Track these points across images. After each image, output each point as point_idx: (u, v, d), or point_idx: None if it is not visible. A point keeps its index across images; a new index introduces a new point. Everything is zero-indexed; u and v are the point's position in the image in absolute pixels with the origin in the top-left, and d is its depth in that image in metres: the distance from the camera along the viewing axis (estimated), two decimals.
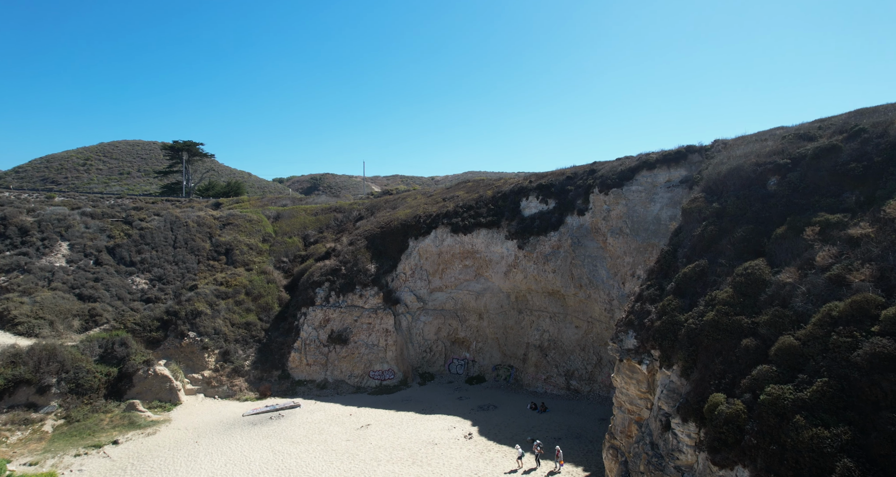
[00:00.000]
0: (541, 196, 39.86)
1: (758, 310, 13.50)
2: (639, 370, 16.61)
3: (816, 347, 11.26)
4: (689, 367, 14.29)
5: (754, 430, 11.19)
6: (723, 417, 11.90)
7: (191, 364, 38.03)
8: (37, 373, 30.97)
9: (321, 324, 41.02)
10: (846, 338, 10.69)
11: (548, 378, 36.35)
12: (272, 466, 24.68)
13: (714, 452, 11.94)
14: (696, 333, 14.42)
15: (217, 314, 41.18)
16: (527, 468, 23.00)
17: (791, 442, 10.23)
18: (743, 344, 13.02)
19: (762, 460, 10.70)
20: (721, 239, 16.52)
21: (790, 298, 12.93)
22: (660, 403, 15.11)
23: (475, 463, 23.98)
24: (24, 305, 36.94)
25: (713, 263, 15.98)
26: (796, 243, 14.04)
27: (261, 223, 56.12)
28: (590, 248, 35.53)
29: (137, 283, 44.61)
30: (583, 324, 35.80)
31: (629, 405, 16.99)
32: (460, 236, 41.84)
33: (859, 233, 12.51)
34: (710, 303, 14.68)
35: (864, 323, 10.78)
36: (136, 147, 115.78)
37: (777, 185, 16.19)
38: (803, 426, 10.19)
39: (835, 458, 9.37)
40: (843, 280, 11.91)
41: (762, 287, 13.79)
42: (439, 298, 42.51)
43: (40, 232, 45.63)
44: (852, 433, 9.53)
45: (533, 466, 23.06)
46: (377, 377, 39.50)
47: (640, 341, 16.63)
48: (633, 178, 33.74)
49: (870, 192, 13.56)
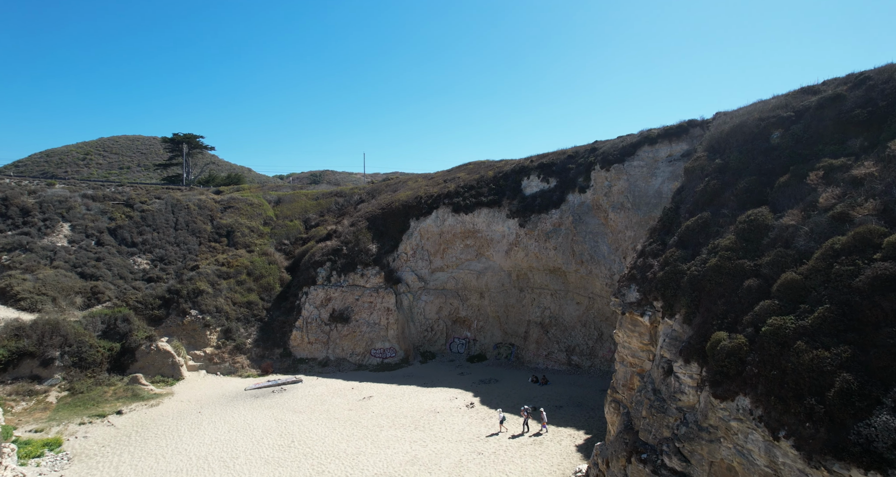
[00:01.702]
0: (542, 175, 39.84)
1: (760, 253, 13.54)
2: (641, 323, 16.68)
3: (818, 279, 11.31)
4: (692, 313, 14.34)
5: (755, 360, 11.26)
6: (724, 351, 11.97)
7: (193, 341, 38.15)
8: (40, 346, 31.08)
9: (322, 303, 41.12)
10: (848, 267, 10.73)
11: (549, 354, 36.49)
12: (275, 432, 24.83)
13: (716, 385, 12.01)
14: (699, 279, 14.48)
15: (219, 293, 41.28)
16: (513, 433, 23.23)
17: (791, 366, 10.29)
18: (745, 285, 13.07)
19: (762, 386, 10.77)
20: (723, 192, 16.55)
21: (793, 238, 12.96)
22: (662, 352, 15.18)
23: (477, 428, 24.14)
24: (27, 281, 37.03)
25: (716, 215, 16.01)
26: (799, 189, 14.06)
27: (262, 207, 56.15)
28: (591, 224, 35.56)
29: (139, 263, 44.69)
30: (584, 300, 35.89)
31: (631, 358, 17.09)
32: (461, 216, 41.85)
33: (863, 172, 12.53)
34: (712, 250, 14.73)
35: (866, 252, 10.82)
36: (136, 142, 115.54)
37: (780, 137, 16.20)
38: (804, 350, 10.25)
39: (834, 374, 9.44)
40: (846, 217, 11.93)
41: (765, 232, 13.82)
42: (440, 278, 42.59)
43: (42, 213, 45.65)
44: (852, 351, 9.59)
45: (519, 432, 23.29)
46: (379, 355, 39.64)
47: (643, 294, 16.69)
48: (635, 153, 33.72)
49: (874, 136, 13.55)
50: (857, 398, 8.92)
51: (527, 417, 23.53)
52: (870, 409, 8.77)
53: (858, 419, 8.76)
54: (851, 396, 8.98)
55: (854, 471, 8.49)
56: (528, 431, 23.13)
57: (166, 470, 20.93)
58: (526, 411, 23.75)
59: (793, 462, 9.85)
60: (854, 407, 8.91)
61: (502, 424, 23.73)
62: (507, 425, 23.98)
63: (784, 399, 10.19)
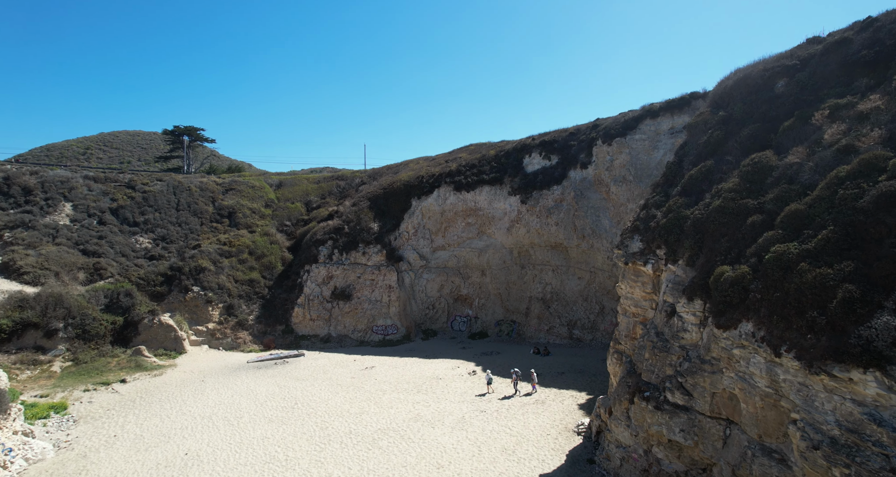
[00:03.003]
0: (543, 152, 39.82)
1: (764, 193, 13.58)
2: (643, 272, 16.75)
3: (822, 207, 11.33)
4: (695, 255, 14.40)
5: (758, 287, 11.32)
6: (728, 281, 12.03)
7: (195, 317, 38.30)
8: (44, 317, 31.19)
9: (324, 280, 41.22)
10: (852, 190, 10.76)
11: (550, 329, 36.61)
12: (278, 396, 24.98)
13: (719, 315, 12.08)
14: (702, 221, 14.52)
15: (220, 271, 41.38)
16: (503, 394, 23.51)
17: (794, 286, 10.34)
18: (749, 221, 13.11)
19: (765, 309, 10.84)
20: (727, 141, 16.56)
21: (797, 175, 12.98)
22: (665, 297, 15.25)
23: (479, 392, 24.27)
24: (30, 256, 37.13)
25: (719, 162, 16.03)
26: (804, 130, 14.05)
27: (263, 189, 56.17)
28: (592, 199, 35.60)
29: (141, 242, 44.77)
30: (585, 274, 35.97)
31: (633, 308, 17.17)
32: (463, 194, 41.87)
33: (869, 106, 12.52)
34: (716, 194, 14.76)
35: (871, 176, 10.84)
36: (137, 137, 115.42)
37: (785, 86, 16.19)
38: (807, 270, 10.29)
39: (836, 288, 9.49)
40: (851, 148, 11.93)
41: (769, 172, 13.84)
42: (442, 256, 42.65)
43: (44, 192, 45.69)
44: (855, 265, 9.63)
45: (511, 393, 23.59)
46: (380, 332, 39.77)
47: (646, 243, 16.75)
48: (637, 127, 33.72)
49: (881, 75, 13.52)
50: (859, 305, 8.99)
51: (516, 380, 23.84)
52: (871, 314, 8.84)
53: (859, 324, 8.83)
54: (853, 303, 9.05)
55: (854, 372, 8.57)
56: (518, 393, 23.39)
57: (171, 428, 21.09)
58: (516, 374, 24.06)
59: (793, 377, 9.94)
60: (856, 314, 8.98)
61: (490, 386, 24.09)
62: (495, 387, 24.47)
63: (786, 317, 10.26)
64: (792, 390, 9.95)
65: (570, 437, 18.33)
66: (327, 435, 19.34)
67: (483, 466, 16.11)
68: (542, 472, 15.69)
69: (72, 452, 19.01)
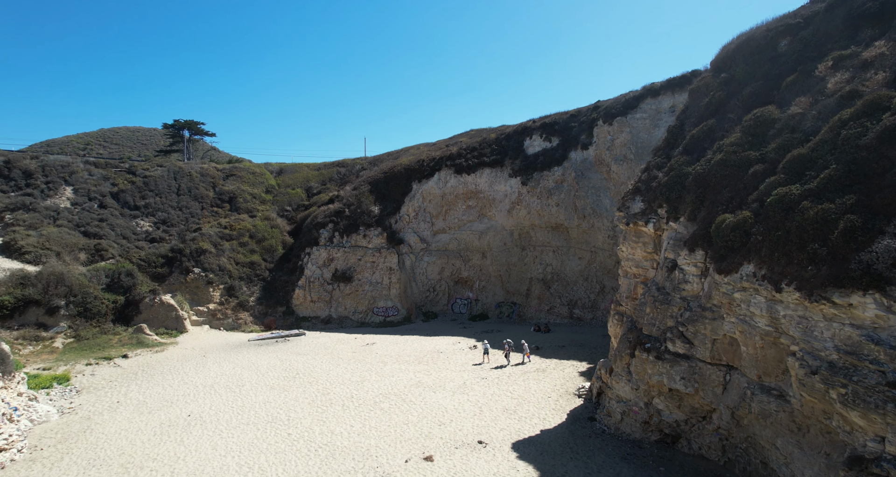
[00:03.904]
0: (544, 134, 39.81)
1: (766, 144, 13.61)
2: (645, 232, 16.80)
3: (825, 149, 11.35)
4: (697, 209, 14.43)
5: (760, 229, 11.37)
6: (730, 226, 12.08)
7: (196, 298, 38.39)
8: (45, 294, 31.27)
9: (325, 263, 41.29)
10: (856, 130, 10.77)
11: (551, 309, 36.72)
12: (279, 368, 25.09)
13: (720, 260, 12.14)
14: (704, 176, 14.55)
15: (221, 253, 41.44)
16: (495, 364, 23.84)
17: (796, 224, 10.38)
18: (751, 171, 13.15)
19: (766, 249, 10.89)
20: (729, 101, 16.56)
21: (800, 124, 12.99)
22: (666, 254, 15.30)
23: (479, 361, 24.38)
24: (31, 236, 37.18)
25: (721, 121, 16.05)
26: (807, 83, 14.02)
27: (264, 176, 56.19)
28: (593, 179, 35.63)
29: (142, 225, 44.83)
30: (586, 254, 36.04)
31: (635, 269, 17.23)
32: (464, 177, 41.87)
33: (874, 53, 12.49)
34: (717, 149, 14.79)
35: (874, 115, 10.82)
36: (137, 133, 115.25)
37: (788, 44, 16.17)
38: (809, 208, 10.33)
39: (838, 220, 9.52)
40: (855, 93, 11.90)
41: (771, 124, 13.86)
42: (443, 240, 42.70)
43: (44, 176, 45.72)
44: (857, 198, 9.67)
45: (503, 363, 23.90)
46: (381, 313, 39.88)
47: (647, 203, 16.79)
48: (638, 106, 33.70)
49: (886, 25, 13.49)
50: (860, 232, 9.05)
51: (508, 351, 24.06)
52: (871, 240, 8.90)
53: (860, 250, 8.89)
54: (854, 231, 9.11)
55: (854, 296, 8.64)
56: (509, 363, 23.76)
57: (174, 395, 21.20)
58: (508, 344, 24.26)
59: (793, 311, 10.01)
60: (857, 241, 9.04)
61: (486, 356, 24.34)
62: (491, 357, 24.92)
63: (787, 254, 10.32)
64: (791, 325, 10.02)
65: (571, 399, 18.44)
66: (329, 399, 19.45)
67: (484, 423, 16.22)
68: (544, 427, 15.80)
69: (76, 416, 19.12)
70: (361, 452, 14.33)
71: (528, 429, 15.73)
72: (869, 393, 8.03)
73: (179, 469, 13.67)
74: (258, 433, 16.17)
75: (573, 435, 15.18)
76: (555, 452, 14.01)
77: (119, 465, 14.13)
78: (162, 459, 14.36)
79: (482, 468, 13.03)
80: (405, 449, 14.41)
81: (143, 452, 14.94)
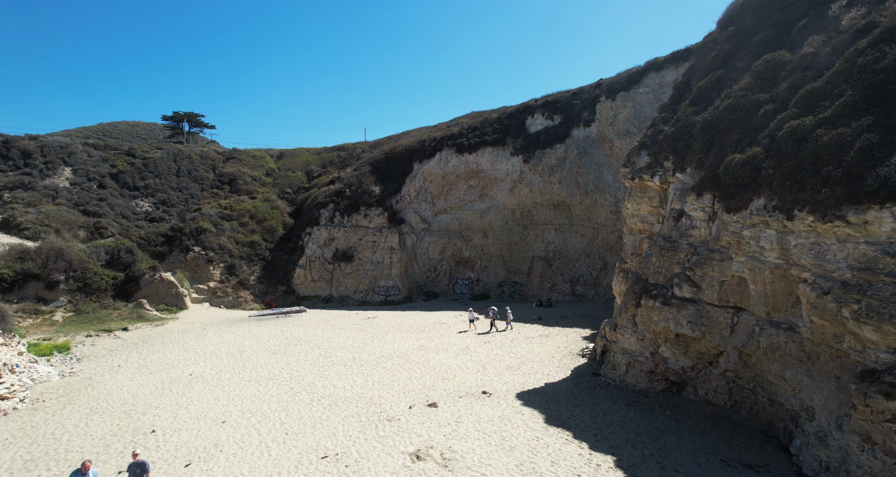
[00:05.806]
0: (546, 113, 39.51)
1: (777, 86, 13.34)
2: (650, 187, 16.59)
3: (840, 79, 11.08)
4: (704, 156, 14.23)
5: (771, 163, 11.18)
6: (739, 163, 11.89)
7: (196, 276, 38.24)
8: (45, 269, 31.08)
9: (326, 242, 41.11)
10: (873, 56, 10.48)
11: (553, 286, 36.59)
12: (280, 337, 24.97)
13: (729, 199, 11.95)
14: (712, 122, 14.33)
15: (222, 233, 41.25)
16: (480, 331, 23.99)
17: (809, 152, 10.17)
18: (760, 112, 12.93)
19: (778, 180, 10.69)
20: (738, 51, 16.30)
21: (812, 63, 12.70)
22: (672, 205, 15.12)
23: (481, 330, 24.26)
24: (30, 213, 36.96)
25: (730, 71, 15.80)
26: (820, 24, 13.74)
27: (264, 159, 55.88)
28: (596, 156, 35.38)
29: (142, 205, 44.59)
30: (588, 231, 35.86)
31: (640, 225, 17.04)
32: (465, 156, 41.60)
33: None
34: (726, 96, 14.56)
35: (893, 40, 10.55)
36: (136, 127, 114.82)
37: None
38: (823, 134, 10.13)
39: (855, 140, 9.32)
40: (872, 25, 11.64)
41: (782, 67, 13.60)
42: (444, 220, 42.49)
43: (43, 156, 45.40)
44: (875, 119, 9.46)
45: (486, 330, 23.93)
46: (382, 293, 39.74)
47: (653, 156, 16.58)
48: (641, 80, 33.41)
49: None
50: (878, 149, 8.85)
51: (493, 318, 24.03)
52: (889, 155, 8.70)
53: (877, 166, 8.69)
54: (872, 148, 8.91)
55: (871, 212, 8.45)
56: (494, 329, 23.83)
57: (175, 359, 21.09)
58: (492, 311, 24.22)
59: (805, 239, 9.83)
60: (874, 158, 8.84)
61: (472, 324, 24.42)
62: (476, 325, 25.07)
63: (800, 181, 10.13)
64: (804, 252, 9.85)
65: (575, 358, 18.33)
66: (331, 361, 19.33)
67: (488, 378, 16.11)
68: (548, 381, 15.69)
69: (76, 378, 19.01)
70: (365, 400, 14.22)
71: (533, 383, 15.62)
72: (884, 304, 7.87)
73: (182, 415, 13.56)
74: (260, 388, 16.06)
75: (578, 387, 15.07)
76: (559, 400, 13.90)
77: (122, 412, 14.02)
78: (164, 407, 14.25)
79: (487, 412, 12.92)
80: (409, 398, 14.30)
81: (145, 403, 14.84)
